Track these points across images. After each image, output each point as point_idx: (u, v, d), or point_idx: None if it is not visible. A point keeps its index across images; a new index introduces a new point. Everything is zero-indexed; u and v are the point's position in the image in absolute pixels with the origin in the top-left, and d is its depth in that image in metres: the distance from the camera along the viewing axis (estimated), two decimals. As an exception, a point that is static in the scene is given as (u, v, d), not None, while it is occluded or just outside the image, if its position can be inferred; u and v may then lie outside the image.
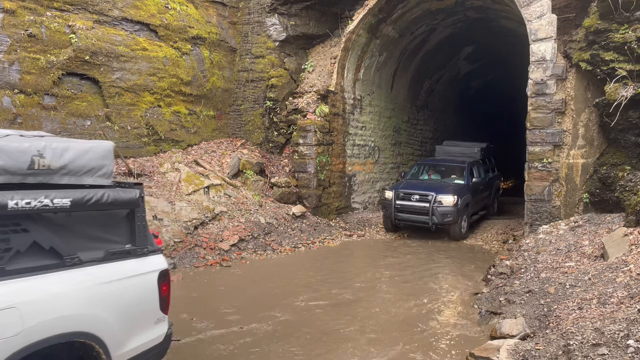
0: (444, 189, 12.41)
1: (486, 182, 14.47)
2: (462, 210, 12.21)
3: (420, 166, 14.50)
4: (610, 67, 9.12)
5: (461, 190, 12.51)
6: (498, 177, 16.35)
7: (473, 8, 14.81)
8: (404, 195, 12.49)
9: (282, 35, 14.45)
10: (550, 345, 4.84)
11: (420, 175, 14.11)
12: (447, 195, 12.05)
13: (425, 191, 12.31)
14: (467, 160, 13.86)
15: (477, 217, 13.95)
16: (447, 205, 11.93)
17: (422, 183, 13.24)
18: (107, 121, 11.33)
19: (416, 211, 12.24)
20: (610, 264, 6.71)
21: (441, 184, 13.00)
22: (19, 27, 9.86)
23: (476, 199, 13.39)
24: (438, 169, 14.12)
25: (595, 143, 10.09)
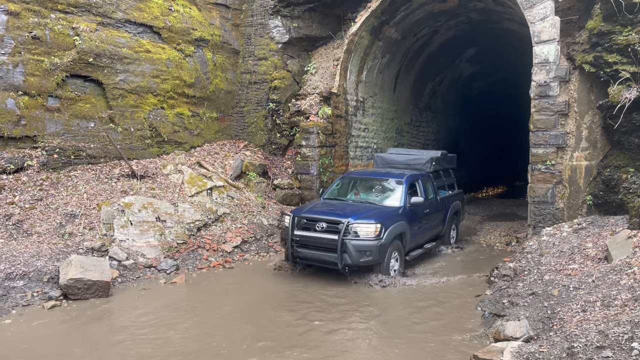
0: (364, 213, 8.92)
1: (437, 204, 11.01)
2: (389, 244, 8.68)
3: (345, 181, 10.94)
4: (614, 69, 9.10)
5: (391, 215, 9.14)
6: (458, 196, 12.57)
7: (476, 10, 14.81)
8: (307, 223, 8.95)
9: (285, 38, 14.48)
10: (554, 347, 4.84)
11: (345, 193, 10.63)
12: (366, 222, 8.61)
13: (335, 217, 8.78)
14: (407, 174, 10.38)
15: (420, 252, 10.24)
16: (366, 237, 8.45)
17: (336, 205, 9.77)
18: (110, 123, 11.36)
19: (322, 246, 8.65)
20: (614, 266, 6.69)
21: (363, 206, 9.50)
22: (23, 29, 9.90)
23: (418, 227, 9.97)
24: (368, 185, 10.62)
25: (598, 145, 10.07)
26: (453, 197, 12.16)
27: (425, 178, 10.89)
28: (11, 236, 8.58)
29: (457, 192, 12.65)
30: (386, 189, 10.27)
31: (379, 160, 12.10)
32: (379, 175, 10.79)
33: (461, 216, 12.78)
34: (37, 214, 9.16)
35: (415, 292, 8.41)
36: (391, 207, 9.53)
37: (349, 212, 8.92)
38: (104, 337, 6.30)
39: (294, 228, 8.95)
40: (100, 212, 9.59)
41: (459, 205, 12.39)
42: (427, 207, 10.33)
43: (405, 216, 9.45)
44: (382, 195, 10.15)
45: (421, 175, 10.73)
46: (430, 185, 10.96)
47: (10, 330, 6.47)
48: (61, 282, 7.58)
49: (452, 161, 12.86)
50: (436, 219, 11.00)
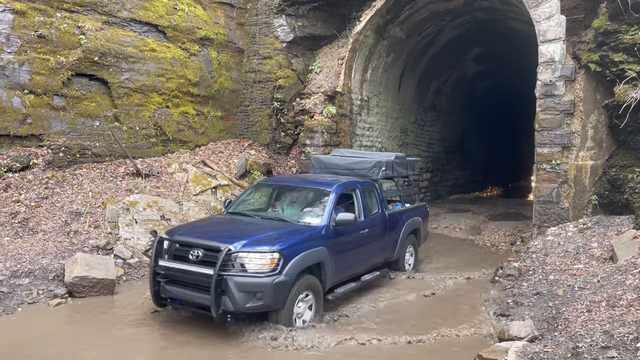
0: (258, 236, 6.41)
1: (384, 221, 8.50)
2: (293, 280, 6.15)
3: (260, 189, 8.57)
4: (620, 69, 9.07)
5: (302, 239, 6.57)
6: (418, 210, 9.99)
7: (481, 9, 14.76)
8: (179, 249, 6.42)
9: (290, 36, 14.48)
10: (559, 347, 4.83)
11: (257, 205, 8.38)
12: (256, 250, 6.07)
13: (215, 241, 6.23)
14: (339, 182, 7.90)
15: (354, 287, 7.65)
16: (256, 271, 5.97)
17: (229, 224, 7.33)
18: (115, 122, 11.40)
19: (195, 283, 6.13)
20: (620, 266, 6.67)
21: (267, 226, 6.99)
22: (29, 28, 9.94)
23: (350, 253, 7.45)
24: (288, 196, 8.16)
25: (604, 145, 10.03)
26: (410, 212, 9.56)
27: (368, 188, 8.42)
28: (17, 234, 8.63)
29: (418, 206, 10.08)
30: (309, 201, 7.73)
31: (315, 163, 9.66)
32: (305, 183, 8.25)
33: (422, 236, 10.02)
34: (43, 212, 9.20)
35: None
36: (307, 227, 6.96)
37: (238, 235, 6.37)
38: (107, 334, 6.32)
39: (160, 256, 6.47)
40: (106, 210, 9.63)
41: (419, 222, 9.71)
42: (366, 226, 7.81)
43: (328, 239, 6.84)
44: (301, 210, 7.59)
45: (361, 184, 8.23)
46: (375, 197, 8.47)
47: (16, 327, 6.51)
48: (66, 280, 7.62)
49: (410, 166, 10.25)
50: (382, 241, 8.43)
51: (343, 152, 10.46)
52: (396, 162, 9.56)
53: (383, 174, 9.07)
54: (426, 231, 10.39)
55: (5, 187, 9.30)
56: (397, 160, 9.64)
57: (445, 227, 14.39)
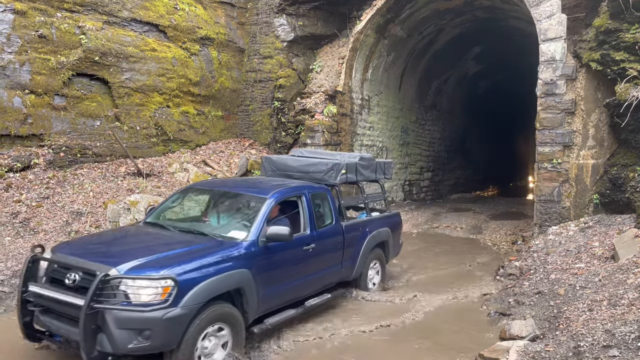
0: (154, 256, 5.09)
1: (337, 233, 7.17)
2: (195, 314, 4.85)
3: (189, 195, 7.18)
4: (621, 67, 9.05)
5: (216, 259, 5.22)
6: (388, 220, 8.72)
7: (482, 8, 14.75)
8: (58, 270, 5.09)
9: (290, 36, 14.47)
10: (560, 346, 4.82)
11: (182, 214, 7.08)
12: (143, 275, 4.75)
13: (96, 262, 4.92)
14: (279, 188, 6.65)
15: (294, 314, 6.31)
16: (142, 302, 4.64)
17: (126, 239, 6.05)
18: (116, 121, 11.40)
19: (70, 315, 4.79)
20: (621, 265, 6.66)
21: (167, 243, 5.64)
22: (29, 28, 9.94)
23: (288, 274, 6.20)
24: (219, 204, 6.84)
25: (605, 144, 10.01)
26: (377, 222, 8.27)
27: (320, 194, 7.13)
28: (18, 234, 8.63)
29: (387, 215, 8.81)
30: (240, 211, 6.50)
31: (267, 165, 8.21)
32: (240, 188, 6.93)
33: (391, 249, 8.56)
34: (44, 212, 9.21)
35: None
36: (228, 243, 5.59)
37: (129, 254, 5.09)
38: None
39: (33, 278, 5.10)
40: (107, 210, 9.63)
41: (387, 234, 8.34)
42: (312, 241, 6.51)
43: (254, 258, 5.57)
44: (229, 222, 6.32)
45: (310, 190, 6.90)
46: (329, 205, 7.18)
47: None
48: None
49: (381, 170, 8.84)
50: (336, 257, 7.11)
51: (303, 151, 9.01)
52: (361, 165, 8.14)
53: (342, 178, 7.65)
54: (398, 244, 8.97)
55: (6, 187, 9.31)
56: (363, 162, 8.22)
57: (447, 226, 14.38)
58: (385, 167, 8.98)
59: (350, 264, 7.49)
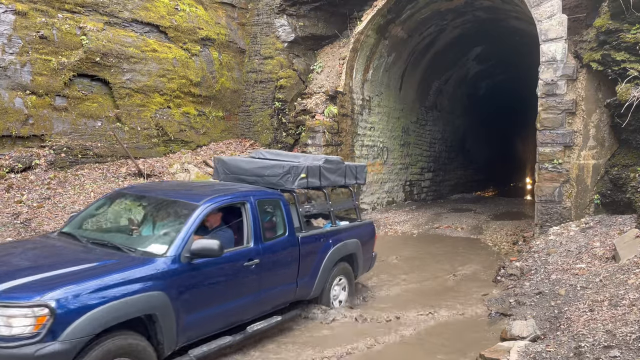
0: (33, 276, 4.20)
1: (291, 247, 6.27)
2: (84, 347, 3.93)
3: (116, 200, 6.24)
4: (622, 68, 9.05)
5: (118, 279, 4.32)
6: (358, 230, 7.74)
7: (482, 8, 14.75)
8: None
9: (291, 36, 14.48)
10: (561, 347, 4.82)
11: (107, 222, 6.24)
12: (12, 302, 3.84)
13: None
14: (212, 196, 5.68)
15: (231, 341, 5.37)
16: (11, 336, 3.71)
17: (25, 253, 5.04)
18: (117, 122, 11.41)
19: None
20: (622, 265, 6.66)
21: (64, 258, 4.76)
22: (30, 29, 9.95)
23: (223, 295, 5.33)
24: (148, 213, 5.95)
25: (606, 144, 10.01)
26: (343, 233, 7.26)
27: (270, 202, 6.22)
28: (19, 234, 8.64)
29: (358, 225, 7.81)
30: (167, 220, 5.54)
31: (219, 166, 7.33)
32: (172, 193, 5.92)
33: (361, 262, 7.60)
34: (45, 213, 9.22)
35: None
36: (141, 259, 4.73)
37: (9, 272, 4.30)
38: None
39: None
40: (107, 210, 9.64)
41: (356, 246, 7.37)
42: (256, 255, 5.59)
43: (174, 277, 4.70)
44: (153, 233, 5.48)
45: (257, 197, 5.94)
46: (281, 214, 6.24)
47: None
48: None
49: (351, 174, 7.92)
50: (289, 273, 6.16)
51: (263, 152, 8.03)
52: (327, 168, 7.28)
53: (302, 182, 6.78)
54: (371, 257, 8.00)
55: (7, 187, 9.32)
56: (329, 166, 7.36)
57: (447, 226, 14.38)
58: (357, 171, 8.08)
59: (309, 281, 6.53)
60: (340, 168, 7.66)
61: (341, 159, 8.02)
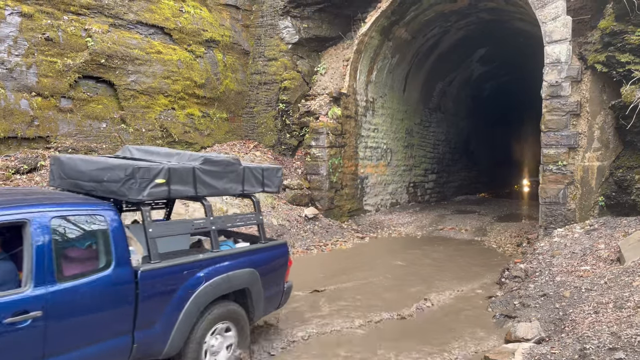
0: None
1: (117, 286, 4.25)
2: None
3: None
4: (627, 69, 9.03)
5: None
6: (252, 256, 5.57)
7: (486, 10, 14.75)
8: None
9: (295, 38, 14.51)
10: (566, 349, 4.81)
11: None
12: None
13: None
14: None
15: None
16: None
17: None
18: (122, 123, 11.45)
19: None
20: (627, 267, 6.64)
21: None
22: (36, 31, 10.01)
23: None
24: None
25: (611, 146, 9.99)
26: (228, 260, 5.24)
27: (85, 220, 4.32)
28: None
29: (259, 249, 5.75)
30: None
31: (54, 168, 5.37)
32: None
33: (261, 301, 5.58)
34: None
35: None
36: None
37: None
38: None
39: None
40: (112, 212, 9.66)
41: (251, 279, 5.40)
42: (34, 303, 3.72)
43: None
44: None
45: (58, 212, 4.13)
46: (105, 237, 4.34)
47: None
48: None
49: (253, 179, 5.91)
50: (112, 325, 4.24)
51: (132, 149, 5.96)
52: (206, 171, 5.26)
53: (157, 191, 4.69)
54: (281, 290, 5.90)
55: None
56: (210, 168, 5.32)
57: (451, 228, 14.37)
58: (265, 175, 6.04)
59: (160, 332, 4.52)
60: (231, 171, 5.62)
61: (236, 159, 5.77)
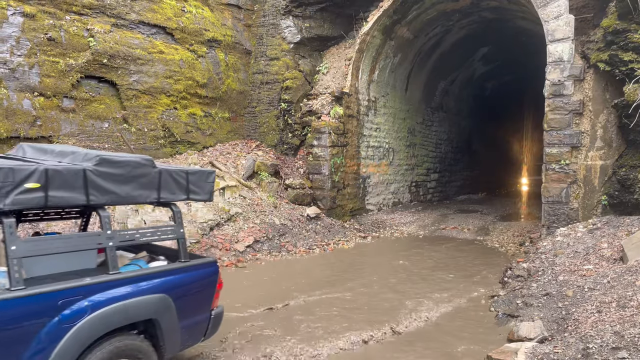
0: None
1: None
2: None
3: None
4: (629, 68, 9.00)
5: None
6: (156, 281, 4.35)
7: (488, 9, 14.72)
8: None
9: (297, 38, 14.50)
10: (569, 348, 4.80)
11: None
12: None
13: None
14: None
15: None
16: None
17: None
18: (124, 123, 11.47)
19: None
20: (630, 267, 6.62)
21: None
22: (38, 31, 10.03)
23: None
24: None
25: (613, 144, 9.96)
26: (126, 285, 4.16)
27: None
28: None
29: (175, 269, 4.67)
30: None
31: None
32: None
33: (179, 333, 4.53)
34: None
35: None
36: None
37: None
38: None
39: None
40: (114, 211, 9.69)
41: (161, 306, 4.34)
42: None
43: None
44: None
45: None
46: None
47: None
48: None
49: (174, 185, 4.85)
50: None
51: (26, 147, 4.98)
52: (102, 174, 4.19)
53: (21, 198, 3.68)
54: (206, 318, 4.87)
55: (15, 188, 9.38)
56: (108, 170, 4.24)
57: (453, 227, 14.35)
58: (191, 180, 5.00)
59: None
60: (143, 175, 4.55)
61: (149, 159, 4.66)
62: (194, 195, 5.06)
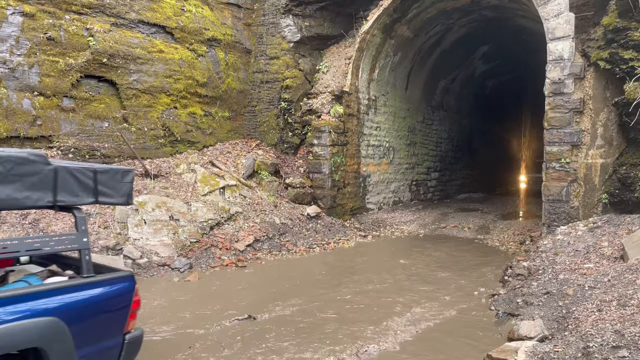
0: None
1: None
2: None
3: None
4: (630, 66, 8.99)
5: None
6: (40, 299, 3.49)
7: (489, 7, 14.69)
8: None
9: (297, 36, 14.49)
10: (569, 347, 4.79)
11: None
12: None
13: None
14: None
15: None
16: None
17: None
18: (124, 123, 11.46)
19: None
20: (630, 265, 6.61)
21: None
22: (38, 31, 10.02)
23: None
24: None
25: (614, 143, 9.94)
26: (2, 306, 3.28)
27: None
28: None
29: (73, 285, 3.82)
30: None
31: None
32: None
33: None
34: (53, 213, 9.28)
35: None
36: None
37: None
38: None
39: None
40: (115, 211, 9.69)
41: (56, 331, 3.52)
42: None
43: None
44: None
45: None
46: None
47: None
48: (76, 280, 7.34)
49: (72, 185, 4.04)
50: None
51: None
52: None
53: None
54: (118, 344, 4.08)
55: (15, 188, 9.38)
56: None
57: (454, 226, 14.34)
58: (100, 179, 4.30)
59: None
60: (31, 173, 3.82)
61: (40, 154, 3.96)
62: (104, 198, 4.36)
